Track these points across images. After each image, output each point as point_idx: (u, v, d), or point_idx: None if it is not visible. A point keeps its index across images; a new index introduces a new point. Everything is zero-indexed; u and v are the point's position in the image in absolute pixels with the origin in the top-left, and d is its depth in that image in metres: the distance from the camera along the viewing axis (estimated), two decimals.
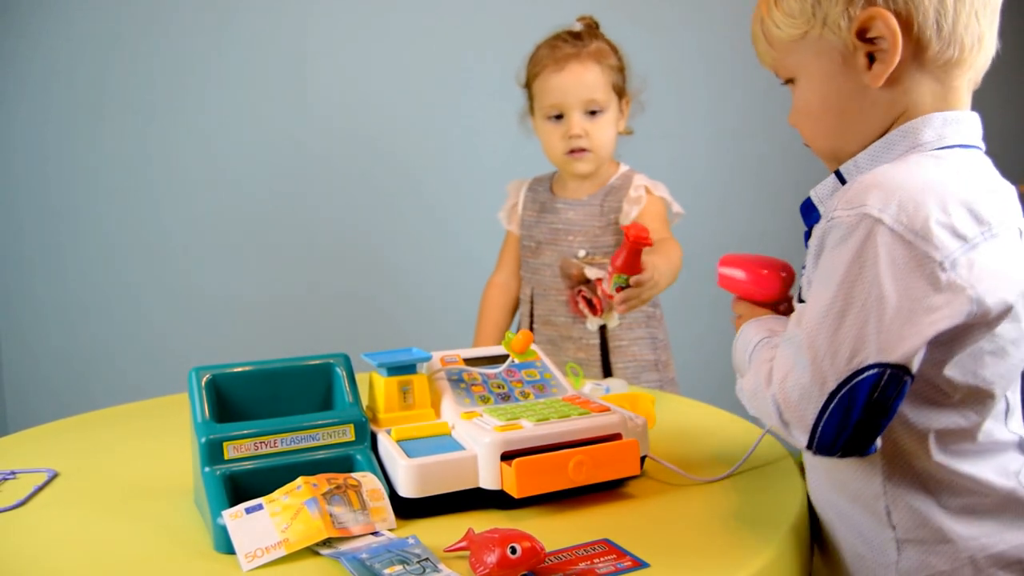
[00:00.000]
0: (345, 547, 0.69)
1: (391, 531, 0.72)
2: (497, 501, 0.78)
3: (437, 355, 0.92)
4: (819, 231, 0.67)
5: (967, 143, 0.70)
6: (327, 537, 0.69)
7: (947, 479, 0.69)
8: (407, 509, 0.76)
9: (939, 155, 0.68)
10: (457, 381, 0.89)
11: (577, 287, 1.41)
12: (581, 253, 1.44)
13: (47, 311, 2.05)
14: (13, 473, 0.92)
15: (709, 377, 1.70)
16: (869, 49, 0.69)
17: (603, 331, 1.45)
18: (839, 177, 0.73)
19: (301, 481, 0.73)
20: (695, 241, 1.53)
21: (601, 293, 1.37)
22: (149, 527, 0.78)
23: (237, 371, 0.83)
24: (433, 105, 2.21)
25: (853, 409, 0.61)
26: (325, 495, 0.71)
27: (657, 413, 1.03)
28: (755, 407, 0.70)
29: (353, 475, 0.75)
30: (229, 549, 0.69)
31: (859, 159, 0.72)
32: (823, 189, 0.74)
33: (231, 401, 0.81)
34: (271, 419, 0.79)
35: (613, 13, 1.58)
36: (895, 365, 0.61)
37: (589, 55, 1.40)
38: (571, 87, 1.39)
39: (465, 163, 2.22)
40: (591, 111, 1.41)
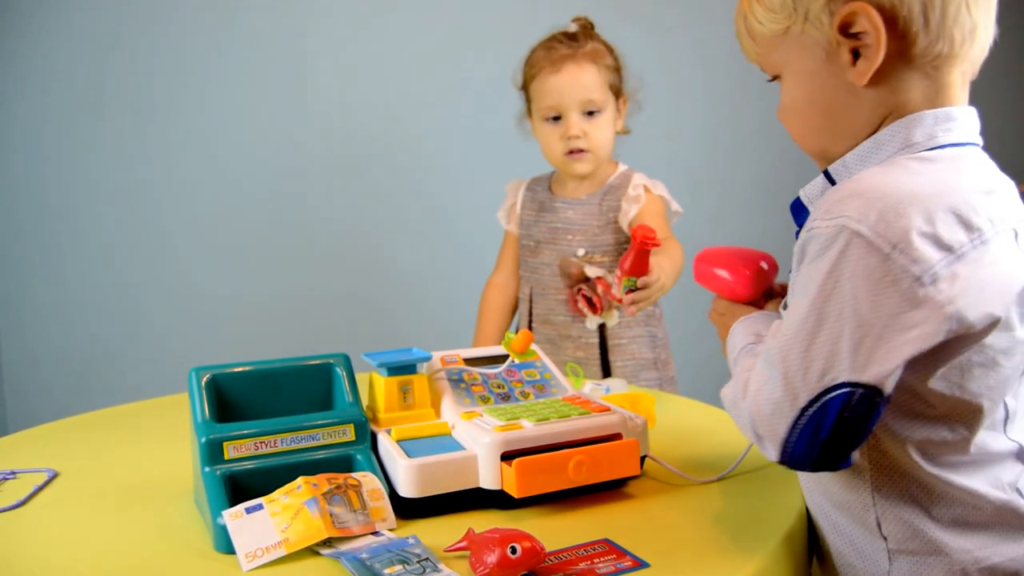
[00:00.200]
0: (345, 547, 0.69)
1: (391, 531, 0.72)
2: (497, 501, 0.78)
3: (437, 355, 0.92)
4: (801, 239, 0.66)
5: (961, 141, 0.67)
6: (327, 537, 0.69)
7: (938, 490, 0.67)
8: (407, 509, 0.76)
9: (929, 157, 0.66)
10: (457, 381, 0.89)
11: (577, 286, 1.41)
12: (580, 252, 1.45)
13: (47, 311, 2.05)
14: (13, 473, 0.92)
15: (708, 375, 1.70)
16: (853, 45, 0.67)
17: (602, 330, 1.45)
18: (828, 177, 0.71)
19: (301, 481, 0.73)
20: (693, 240, 1.53)
21: (602, 291, 1.37)
22: (149, 527, 0.78)
23: (237, 371, 0.83)
24: (433, 105, 2.21)
25: (823, 426, 0.61)
26: (325, 495, 0.71)
27: (657, 413, 1.03)
28: (733, 416, 0.69)
29: (353, 475, 0.75)
30: (229, 549, 0.69)
31: (847, 159, 0.70)
32: (812, 189, 0.73)
33: (231, 401, 0.81)
34: (271, 419, 0.79)
35: (610, 13, 1.58)
36: (867, 385, 0.60)
37: (585, 56, 1.40)
38: (568, 88, 1.39)
39: (465, 163, 2.22)
40: (588, 111, 1.41)
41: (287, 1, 2.11)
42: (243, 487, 0.75)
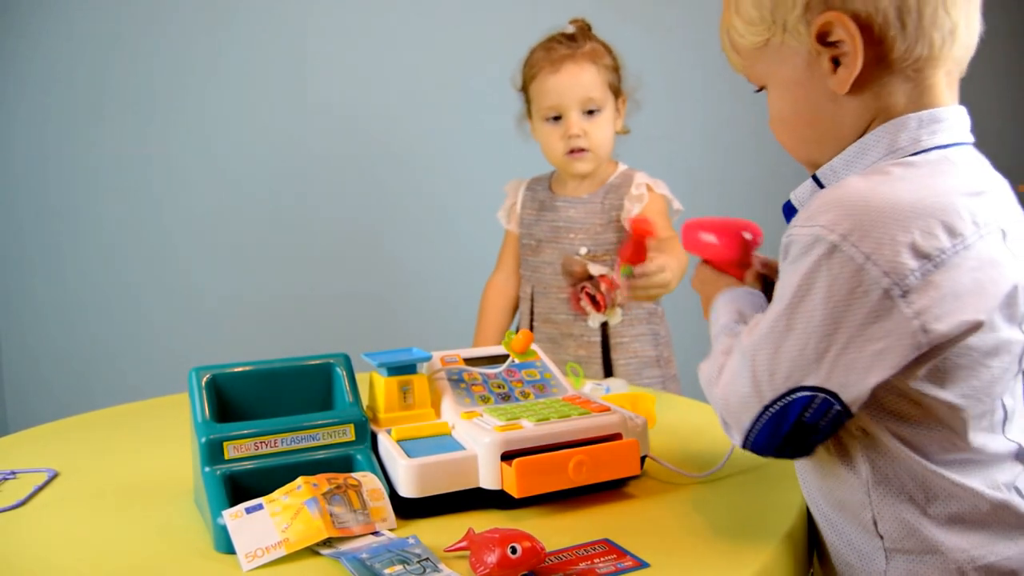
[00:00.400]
0: (345, 547, 0.69)
1: (391, 531, 0.72)
2: (497, 501, 0.78)
3: (437, 355, 0.92)
4: (783, 241, 0.67)
5: (948, 142, 0.67)
6: (327, 537, 0.69)
7: (934, 488, 0.66)
8: (407, 509, 0.76)
9: (914, 161, 0.66)
10: (457, 381, 0.89)
11: (581, 284, 1.42)
12: (583, 251, 1.45)
13: (47, 311, 2.05)
14: (13, 473, 0.92)
15: None
16: (832, 53, 0.67)
17: (604, 328, 1.46)
18: (816, 181, 0.72)
19: (301, 481, 0.73)
20: None
21: (605, 289, 1.38)
22: (149, 527, 0.78)
23: (237, 371, 0.83)
24: (433, 105, 2.21)
25: (784, 423, 0.64)
26: (325, 495, 0.71)
27: (657, 413, 1.03)
28: (706, 394, 0.72)
29: (353, 475, 0.75)
30: (229, 549, 0.69)
31: (835, 164, 0.70)
32: (802, 192, 0.73)
33: (231, 401, 0.81)
34: (271, 419, 0.79)
35: (610, 13, 1.58)
36: (828, 391, 0.62)
37: (584, 55, 1.41)
38: (568, 87, 1.40)
39: (465, 163, 2.22)
40: (588, 110, 1.42)
41: (287, 1, 2.11)
42: (243, 487, 0.74)
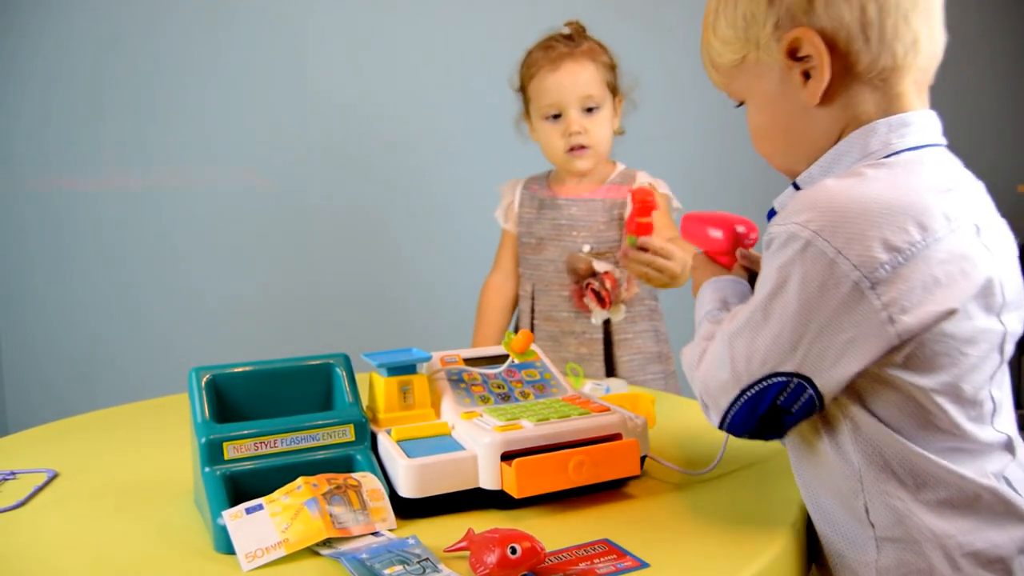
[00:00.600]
0: (345, 547, 0.69)
1: (391, 531, 0.72)
2: (497, 501, 0.78)
3: (437, 355, 0.92)
4: (764, 241, 0.70)
5: (918, 144, 0.70)
6: (327, 537, 0.69)
7: (923, 475, 0.68)
8: (407, 509, 0.76)
9: (886, 163, 0.69)
10: (457, 381, 0.89)
11: (586, 281, 1.42)
12: (586, 248, 1.46)
13: (47, 311, 2.05)
14: (13, 473, 0.92)
15: None
16: (803, 68, 0.71)
17: (606, 325, 1.46)
18: (796, 188, 0.75)
19: (301, 481, 0.73)
20: None
21: (610, 286, 1.39)
22: (149, 527, 0.78)
23: (237, 371, 0.83)
24: (433, 105, 2.21)
25: (759, 407, 0.68)
26: (325, 495, 0.71)
27: (657, 413, 1.03)
28: (688, 377, 0.76)
29: (353, 475, 0.75)
30: (229, 549, 0.69)
31: (812, 171, 0.73)
32: (784, 198, 0.76)
33: (231, 401, 0.81)
34: (271, 419, 0.79)
35: (610, 13, 1.58)
36: (801, 376, 0.66)
37: (583, 54, 1.42)
38: (568, 85, 1.41)
39: (465, 162, 2.22)
40: (588, 108, 1.43)
41: (288, 1, 2.11)
42: (243, 487, 0.74)
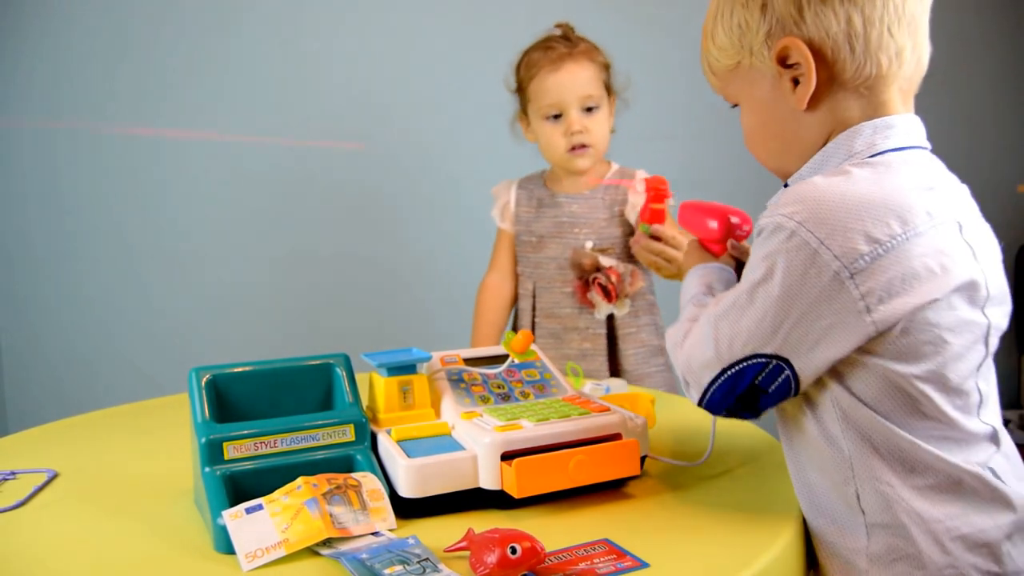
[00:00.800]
0: (345, 547, 0.69)
1: (391, 531, 0.72)
2: (497, 501, 0.78)
3: (437, 355, 0.92)
4: (754, 233, 0.74)
5: (902, 145, 0.73)
6: (327, 537, 0.69)
7: (912, 461, 0.70)
8: (407, 509, 0.76)
9: (871, 162, 0.71)
10: (457, 381, 0.89)
11: (592, 275, 1.43)
12: (588, 244, 1.48)
13: (47, 311, 2.04)
14: (13, 473, 0.92)
15: None
16: (792, 74, 0.74)
17: (610, 321, 1.48)
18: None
19: (301, 481, 0.73)
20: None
21: (616, 280, 1.41)
22: (149, 527, 0.78)
23: (237, 371, 0.82)
24: (434, 105, 2.21)
25: (738, 385, 0.72)
26: (325, 495, 0.71)
27: (657, 413, 1.03)
28: (671, 356, 0.80)
29: (353, 475, 0.75)
30: (229, 549, 0.69)
31: (802, 172, 0.77)
32: (775, 200, 0.78)
33: (231, 401, 0.81)
34: (271, 419, 0.79)
35: (610, 13, 1.58)
36: (779, 358, 0.69)
37: (582, 54, 1.44)
38: (569, 85, 1.43)
39: (464, 163, 2.21)
40: (587, 108, 1.44)
41: (293, 4, 2.11)
42: (243, 487, 0.74)
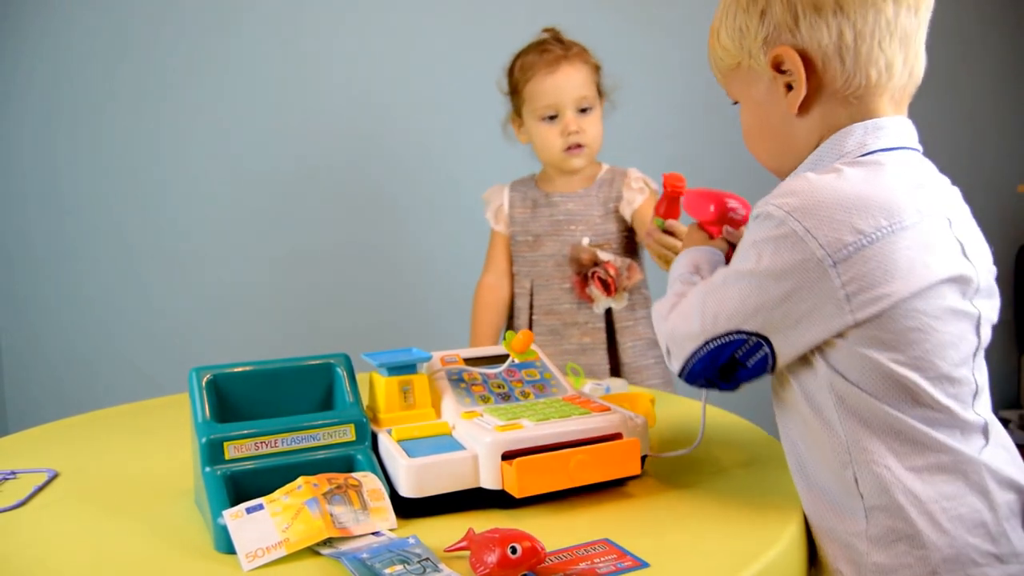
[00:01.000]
0: (346, 547, 0.69)
1: (392, 531, 0.72)
2: (498, 501, 0.78)
3: (436, 355, 0.93)
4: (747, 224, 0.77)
5: (893, 146, 0.75)
6: (328, 537, 0.69)
7: (909, 442, 0.71)
8: (407, 509, 0.76)
9: (861, 161, 0.74)
10: (457, 381, 0.90)
11: (592, 270, 1.45)
12: (585, 241, 1.49)
13: (47, 312, 2.04)
14: (13, 473, 0.93)
15: None
16: (786, 80, 0.77)
17: (608, 315, 1.49)
18: None
19: (302, 481, 0.73)
20: None
21: (614, 274, 1.42)
22: (149, 527, 0.78)
23: (237, 371, 0.82)
24: (433, 105, 2.21)
25: (718, 359, 0.75)
26: (326, 495, 0.71)
27: (657, 413, 1.03)
28: (655, 325, 0.83)
29: (354, 475, 0.75)
30: (229, 549, 0.69)
31: (797, 171, 0.79)
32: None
33: (231, 401, 0.81)
34: (272, 419, 0.79)
35: (610, 13, 1.58)
36: (760, 335, 0.72)
37: (576, 56, 1.47)
38: (565, 87, 1.45)
39: (464, 163, 2.21)
40: (582, 108, 1.47)
41: (292, 5, 2.11)
42: (244, 487, 0.74)
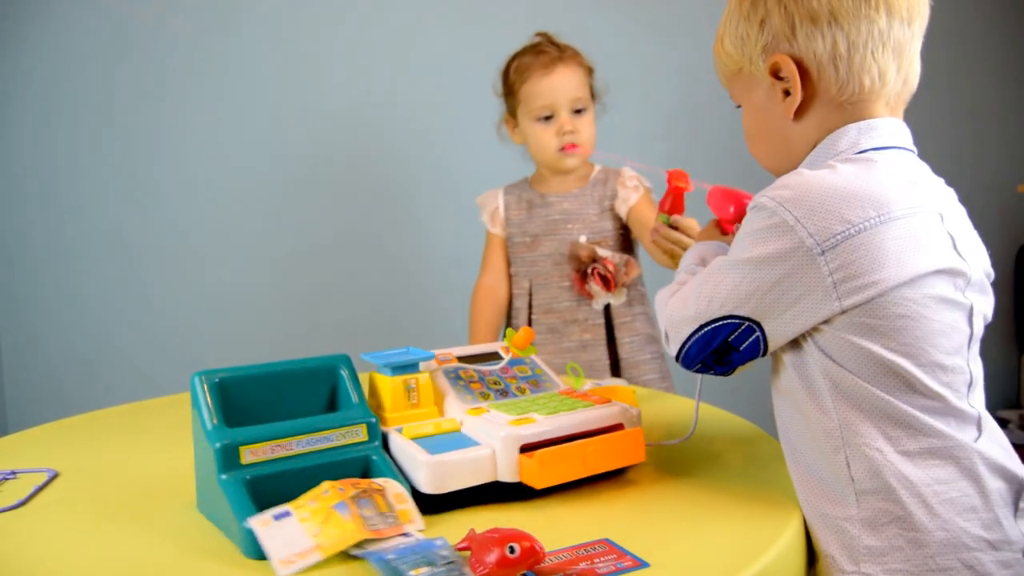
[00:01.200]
0: (372, 547, 0.68)
1: (420, 532, 0.72)
2: (513, 494, 0.80)
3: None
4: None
5: (886, 145, 0.78)
6: (361, 539, 0.68)
7: (901, 426, 0.72)
8: (424, 505, 0.76)
9: (855, 159, 0.76)
10: (455, 379, 0.91)
11: (591, 266, 1.46)
12: (582, 239, 1.50)
13: (47, 312, 2.02)
14: (13, 473, 0.92)
15: None
16: (783, 86, 0.80)
17: (607, 311, 1.51)
18: None
19: (327, 486, 0.72)
20: None
21: (613, 270, 1.44)
22: (149, 527, 0.78)
23: (240, 375, 0.81)
24: (433, 106, 2.20)
25: (713, 341, 0.78)
26: (353, 498, 0.71)
27: (654, 412, 1.04)
28: (656, 312, 0.86)
29: (374, 480, 0.75)
30: (259, 555, 0.68)
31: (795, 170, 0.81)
32: None
33: (236, 404, 0.80)
34: (285, 422, 0.79)
35: (611, 13, 1.58)
36: (752, 320, 0.76)
37: (571, 58, 1.50)
38: (561, 88, 1.47)
39: (464, 163, 2.20)
40: (577, 109, 1.49)
41: (292, 5, 2.10)
42: (262, 491, 0.74)
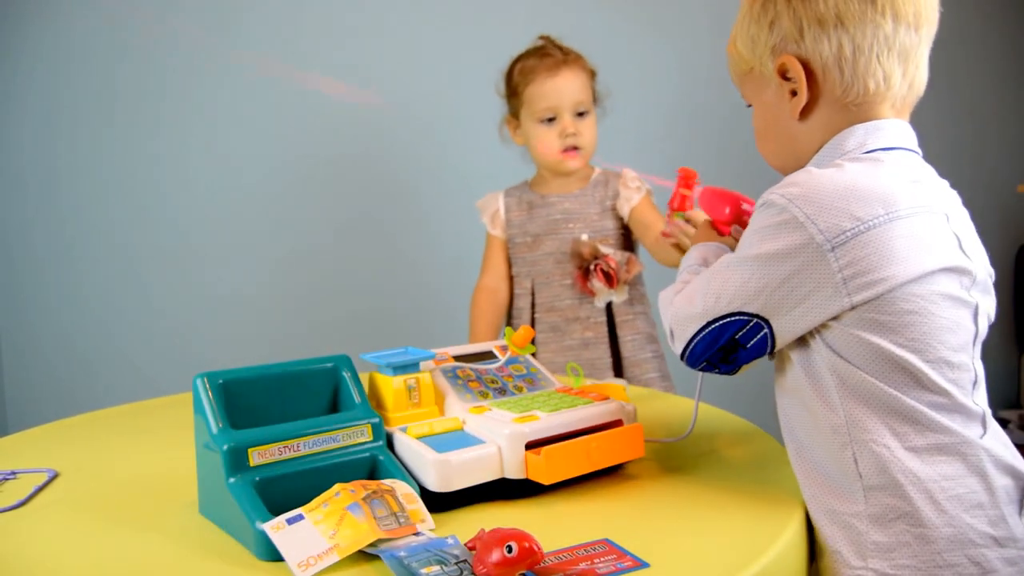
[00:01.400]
0: (385, 546, 0.69)
1: (431, 531, 0.72)
2: (518, 490, 0.81)
3: None
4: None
5: (892, 145, 0.79)
6: (377, 539, 0.69)
7: (908, 422, 0.73)
8: (431, 504, 0.77)
9: (861, 158, 0.78)
10: (454, 378, 0.91)
11: (593, 263, 1.47)
12: (584, 237, 1.51)
13: (47, 312, 2.02)
14: (13, 473, 0.92)
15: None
16: (790, 87, 0.82)
17: (609, 309, 1.52)
18: None
19: (339, 488, 0.73)
20: None
21: (615, 266, 1.45)
22: (149, 527, 0.78)
23: (243, 376, 0.81)
24: (433, 106, 2.20)
25: (720, 339, 0.79)
26: (365, 499, 0.71)
27: (654, 411, 1.05)
28: (660, 311, 0.87)
29: (383, 482, 0.76)
30: (274, 557, 0.68)
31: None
32: None
33: (238, 406, 0.79)
34: (291, 423, 0.79)
35: (612, 13, 1.58)
36: (760, 317, 0.76)
37: (575, 61, 1.52)
38: (565, 90, 1.49)
39: (464, 163, 2.20)
40: (579, 112, 1.51)
41: (292, 5, 2.10)
42: (271, 493, 0.74)
